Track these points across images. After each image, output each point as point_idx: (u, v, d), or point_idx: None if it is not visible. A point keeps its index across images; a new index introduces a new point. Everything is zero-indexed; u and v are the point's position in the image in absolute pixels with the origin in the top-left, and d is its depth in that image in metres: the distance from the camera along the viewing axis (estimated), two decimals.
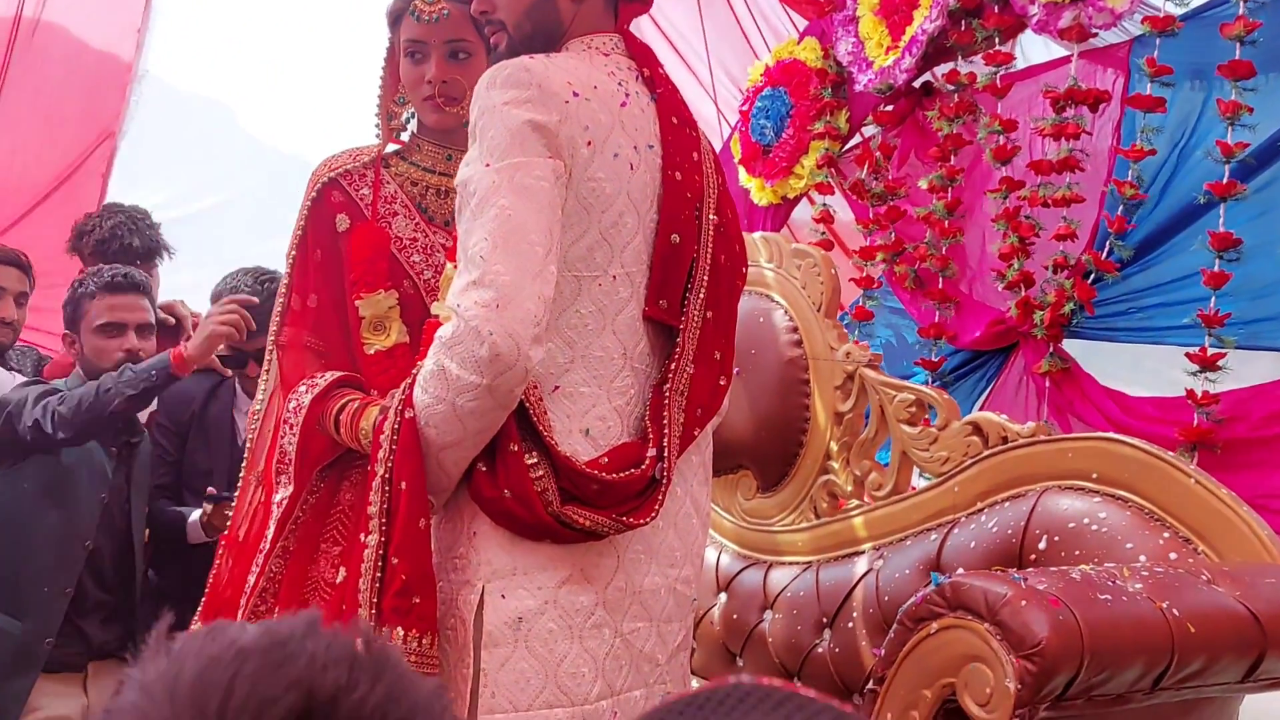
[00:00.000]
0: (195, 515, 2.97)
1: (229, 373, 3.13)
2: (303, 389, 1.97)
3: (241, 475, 2.10)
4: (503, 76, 1.69)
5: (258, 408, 2.11)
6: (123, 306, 2.86)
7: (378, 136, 2.17)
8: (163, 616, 0.71)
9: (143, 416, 3.02)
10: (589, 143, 1.71)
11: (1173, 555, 1.92)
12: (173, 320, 3.35)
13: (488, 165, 1.66)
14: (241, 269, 3.10)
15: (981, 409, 3.28)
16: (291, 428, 1.93)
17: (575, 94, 1.71)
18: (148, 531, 2.97)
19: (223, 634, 0.65)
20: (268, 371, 2.09)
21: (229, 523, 2.86)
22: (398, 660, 0.66)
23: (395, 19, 2.10)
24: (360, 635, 0.66)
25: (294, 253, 2.09)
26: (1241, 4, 2.75)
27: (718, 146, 4.09)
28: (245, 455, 2.11)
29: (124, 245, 3.30)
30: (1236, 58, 2.73)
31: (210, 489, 2.93)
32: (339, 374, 1.99)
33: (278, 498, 1.94)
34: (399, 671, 0.65)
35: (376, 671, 0.64)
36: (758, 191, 3.90)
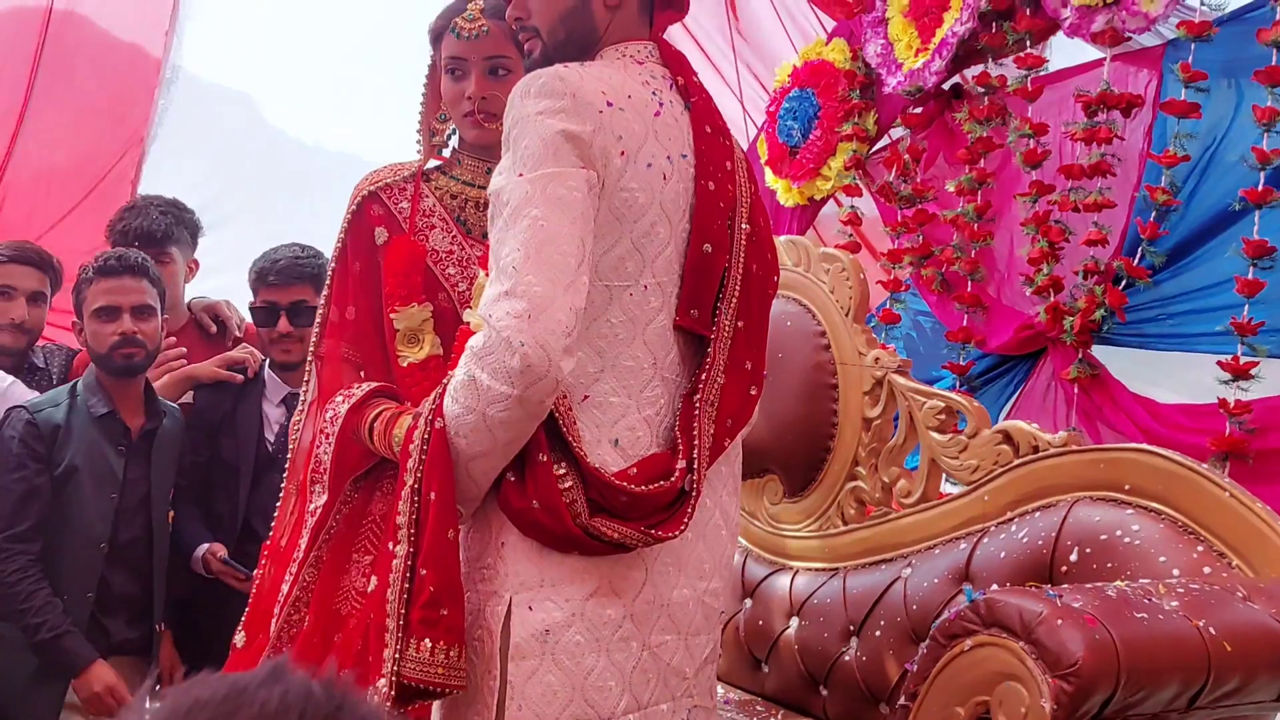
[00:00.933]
0: (201, 550, 2.98)
1: (239, 379, 3.13)
2: (339, 399, 1.98)
3: (283, 485, 2.11)
4: (536, 86, 1.68)
5: (298, 419, 2.13)
6: (117, 289, 2.86)
7: (418, 152, 2.18)
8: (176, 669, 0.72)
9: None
10: (622, 153, 1.70)
11: (1207, 569, 1.90)
12: (214, 327, 3.36)
13: (521, 175, 1.65)
14: (284, 244, 3.11)
15: (1009, 414, 3.26)
16: (328, 437, 1.94)
17: (609, 103, 1.69)
18: (170, 516, 2.98)
19: (195, 686, 0.66)
20: (307, 383, 2.10)
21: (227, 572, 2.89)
22: (357, 704, 0.65)
23: (436, 37, 2.11)
24: (322, 679, 0.66)
25: (334, 265, 2.11)
26: (1278, 9, 2.72)
27: (744, 148, 4.09)
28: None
29: (126, 228, 3.29)
30: (1273, 63, 2.70)
31: (213, 551, 2.95)
32: (375, 384, 2.01)
33: (311, 507, 1.95)
34: (358, 715, 0.64)
35: (330, 717, 0.63)
36: (784, 193, 3.88)
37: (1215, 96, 2.94)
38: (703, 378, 1.78)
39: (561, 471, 1.64)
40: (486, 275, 1.70)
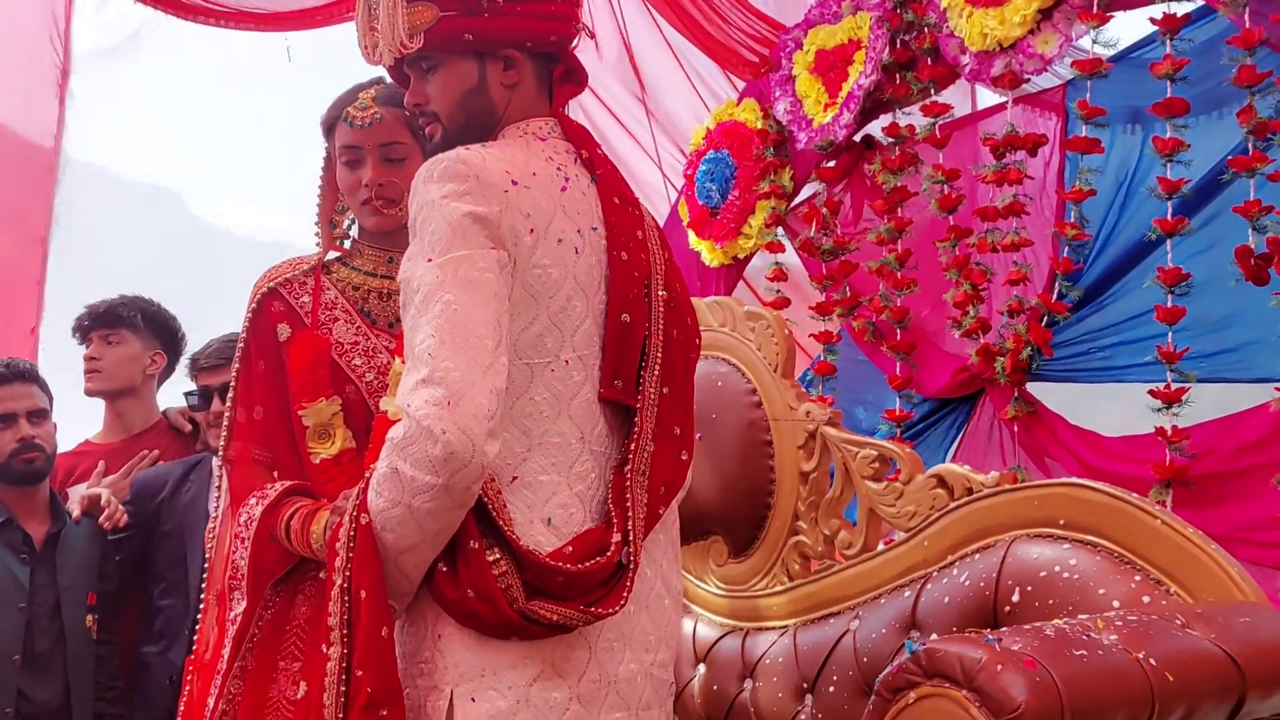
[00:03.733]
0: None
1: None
2: (253, 501, 1.95)
3: (203, 595, 2.07)
4: (439, 170, 1.68)
5: (212, 526, 2.09)
6: (8, 396, 2.90)
7: (318, 244, 2.17)
8: None
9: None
10: (531, 230, 1.70)
11: (1146, 598, 1.91)
12: (189, 427, 3.40)
13: (430, 260, 1.64)
14: (218, 338, 3.14)
15: (954, 457, 3.29)
16: (243, 542, 1.91)
17: (514, 182, 1.70)
18: (92, 621, 2.91)
19: None
20: (219, 488, 2.07)
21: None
22: None
23: (329, 127, 2.12)
24: None
25: (237, 366, 2.09)
26: (1168, 43, 2.80)
27: (665, 211, 4.13)
28: (204, 574, 2.09)
29: (85, 313, 3.37)
30: (1169, 96, 2.77)
31: None
32: (289, 483, 1.98)
33: (231, 615, 1.92)
34: None
35: None
36: (709, 253, 3.91)
37: (1124, 135, 3.02)
38: (632, 448, 1.77)
39: (495, 557, 1.62)
40: (403, 363, 1.69)
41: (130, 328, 3.37)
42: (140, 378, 3.38)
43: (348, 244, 2.21)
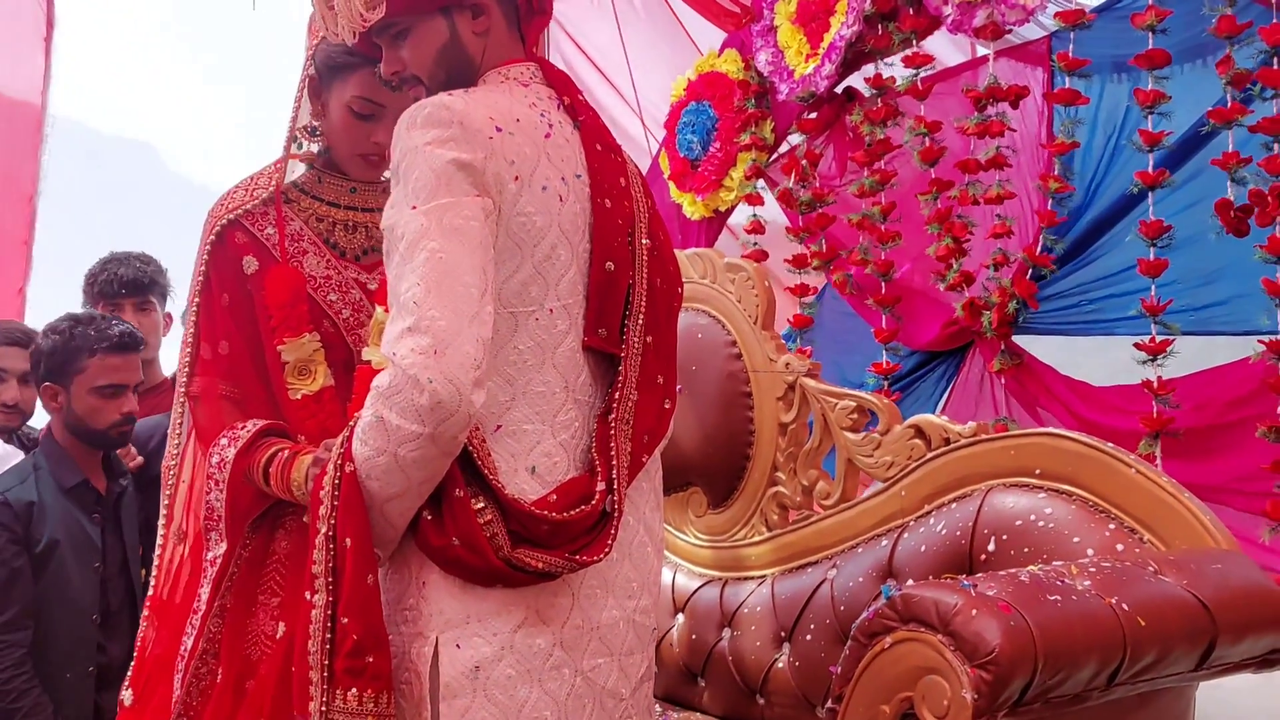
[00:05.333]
0: None
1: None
2: (224, 442, 1.92)
3: (160, 532, 2.04)
4: (423, 116, 1.67)
5: (170, 463, 2.04)
6: (124, 367, 2.80)
7: (276, 167, 2.10)
8: None
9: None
10: (516, 177, 1.70)
11: (1120, 546, 1.94)
12: None
13: (414, 208, 1.63)
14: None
15: (944, 409, 3.31)
16: (218, 484, 1.88)
17: (498, 129, 1.69)
18: (146, 576, 2.94)
19: None
20: (179, 424, 2.03)
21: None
22: None
23: (345, 66, 2.03)
24: None
25: (197, 300, 2.02)
26: None
27: (647, 163, 4.12)
28: (163, 512, 2.03)
29: (110, 277, 3.25)
30: (1151, 47, 2.77)
31: None
32: (262, 423, 1.95)
33: (210, 555, 1.90)
34: None
35: None
36: (689, 206, 3.90)
37: (1111, 87, 3.02)
38: (616, 396, 1.78)
39: (480, 505, 1.63)
40: (386, 312, 1.69)
41: (159, 294, 3.31)
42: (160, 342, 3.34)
43: (302, 169, 2.12)
